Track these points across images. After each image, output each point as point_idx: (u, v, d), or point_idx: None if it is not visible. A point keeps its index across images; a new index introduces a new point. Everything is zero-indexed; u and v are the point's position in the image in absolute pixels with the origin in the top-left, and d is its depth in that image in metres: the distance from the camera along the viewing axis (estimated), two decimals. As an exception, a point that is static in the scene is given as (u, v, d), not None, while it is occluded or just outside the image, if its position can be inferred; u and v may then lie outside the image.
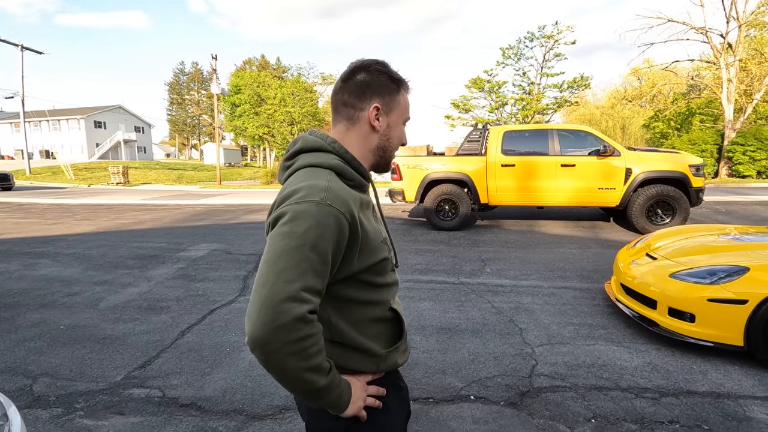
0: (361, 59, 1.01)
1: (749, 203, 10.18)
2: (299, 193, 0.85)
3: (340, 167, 0.94)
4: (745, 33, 21.28)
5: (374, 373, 0.99)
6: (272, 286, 0.77)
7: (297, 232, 0.80)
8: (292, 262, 0.79)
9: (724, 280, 2.83)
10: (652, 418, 2.27)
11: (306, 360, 0.79)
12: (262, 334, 0.76)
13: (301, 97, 27.04)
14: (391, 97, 0.99)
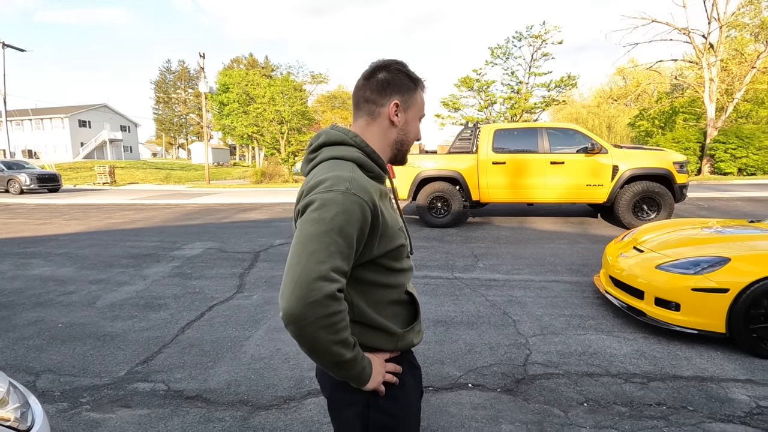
0: (382, 59, 1.09)
1: (731, 199, 10.49)
2: (326, 183, 0.92)
3: (362, 160, 1.01)
4: (726, 33, 21.82)
5: (392, 351, 1.07)
6: (305, 266, 0.85)
7: (326, 217, 0.88)
8: (322, 244, 0.86)
9: (707, 270, 2.97)
10: (641, 401, 2.40)
11: (335, 334, 0.87)
12: (297, 309, 0.83)
13: (290, 95, 26.90)
14: (409, 94, 1.07)
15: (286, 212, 10.24)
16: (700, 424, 2.17)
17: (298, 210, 0.97)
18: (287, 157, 26.40)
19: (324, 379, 1.11)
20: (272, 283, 4.68)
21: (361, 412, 1.03)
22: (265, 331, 3.44)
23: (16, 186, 17.12)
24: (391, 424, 1.05)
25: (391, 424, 1.05)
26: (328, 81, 29.26)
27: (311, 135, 26.96)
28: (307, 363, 2.88)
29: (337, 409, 1.08)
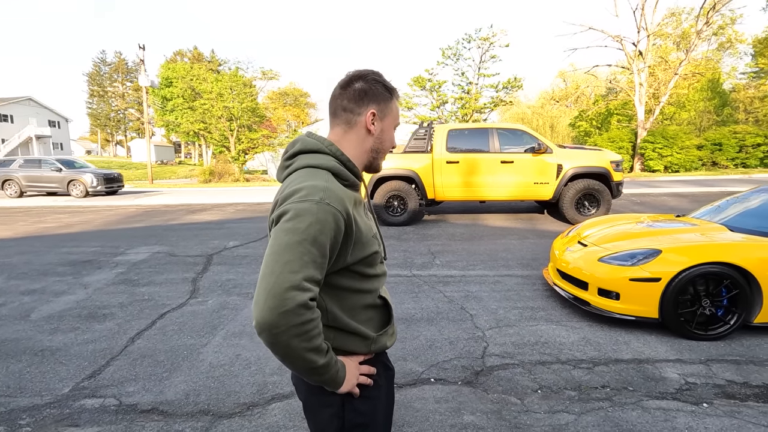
0: (358, 69, 1.11)
1: (659, 195, 11.48)
2: (301, 192, 0.93)
3: (337, 168, 1.03)
4: (653, 42, 23.75)
5: (366, 354, 1.10)
6: (278, 276, 0.86)
7: (300, 228, 0.89)
8: (295, 254, 0.88)
9: (642, 261, 3.25)
10: (588, 384, 2.59)
11: (308, 341, 0.89)
12: (270, 319, 0.85)
13: (239, 91, 25.99)
14: (385, 103, 1.10)
15: (239, 213, 9.93)
16: (639, 402, 2.39)
17: (273, 219, 0.97)
18: (237, 155, 25.52)
19: (300, 383, 1.12)
20: (228, 288, 4.54)
21: (337, 413, 1.05)
22: (223, 337, 3.34)
23: (80, 188, 14.25)
24: (366, 423, 1.08)
25: (366, 423, 1.08)
26: (279, 78, 28.59)
27: (263, 132, 26.27)
28: (269, 368, 2.84)
29: (314, 411, 1.09)
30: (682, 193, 11.61)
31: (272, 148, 27.17)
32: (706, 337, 3.10)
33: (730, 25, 27.63)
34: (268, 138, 27.50)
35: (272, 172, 28.43)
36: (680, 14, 29.44)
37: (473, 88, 25.43)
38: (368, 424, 1.08)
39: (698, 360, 2.84)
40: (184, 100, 30.22)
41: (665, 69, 26.09)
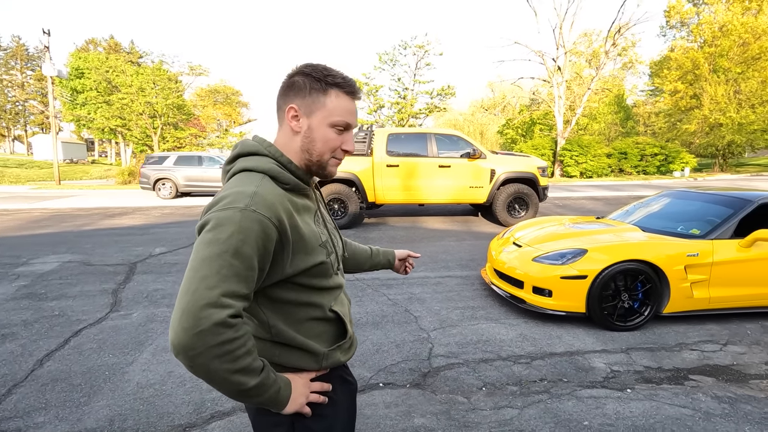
0: (307, 62, 1.01)
1: (578, 198, 12.55)
2: (225, 200, 0.86)
3: (275, 171, 0.94)
4: (569, 58, 26.00)
5: (317, 370, 1.02)
6: (194, 293, 0.78)
7: (220, 238, 0.81)
8: (213, 268, 0.80)
9: (571, 260, 3.51)
10: (527, 378, 2.73)
11: (232, 362, 0.80)
12: (184, 340, 0.76)
13: (163, 86, 24.25)
14: (312, 98, 0.96)
15: (166, 217, 9.21)
16: (573, 392, 2.56)
17: (196, 229, 0.89)
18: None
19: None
20: (155, 298, 4.17)
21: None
22: (152, 353, 3.05)
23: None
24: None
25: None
26: (209, 74, 27.07)
27: (191, 131, 24.74)
28: (206, 385, 2.62)
29: (262, 431, 1.01)
30: (597, 197, 12.79)
31: (202, 147, 25.63)
32: (626, 327, 3.41)
33: (632, 48, 31.10)
34: (197, 137, 25.92)
35: (201, 173, 26.81)
36: (591, 35, 32.61)
37: (409, 93, 26.03)
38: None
39: (620, 349, 3.12)
40: (98, 94, 27.48)
41: (580, 84, 28.73)
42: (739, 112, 23.97)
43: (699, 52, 25.72)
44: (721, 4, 26.18)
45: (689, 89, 26.35)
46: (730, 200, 3.89)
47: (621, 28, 24.29)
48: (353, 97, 1.00)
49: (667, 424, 2.24)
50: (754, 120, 23.63)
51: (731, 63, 24.72)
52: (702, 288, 3.47)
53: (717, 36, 25.40)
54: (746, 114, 23.74)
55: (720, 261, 3.45)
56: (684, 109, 26.91)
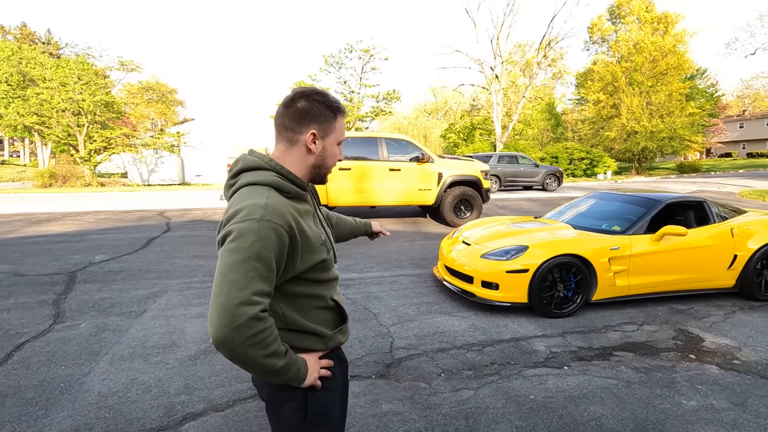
0: (302, 87, 1.19)
1: (516, 200, 13.44)
2: (242, 212, 1.00)
3: (278, 183, 1.09)
4: (506, 68, 27.63)
5: (324, 350, 1.20)
6: (227, 294, 0.94)
7: (243, 246, 0.97)
8: (241, 273, 0.95)
9: (515, 256, 3.88)
10: (480, 363, 3.01)
11: (264, 348, 0.97)
12: (224, 335, 0.93)
13: (89, 82, 22.41)
14: (327, 123, 1.15)
15: (102, 222, 8.63)
16: (520, 372, 2.88)
17: (218, 240, 1.03)
18: (88, 155, 21.92)
19: (261, 383, 1.19)
20: (103, 308, 3.99)
21: (299, 406, 1.14)
22: (109, 362, 2.97)
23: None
24: (326, 412, 1.18)
25: (326, 412, 1.18)
26: (142, 70, 25.37)
27: (124, 130, 23.13)
28: (174, 388, 2.64)
29: (277, 406, 1.16)
30: (533, 198, 13.78)
31: (134, 148, 23.98)
32: (561, 314, 3.84)
33: (560, 60, 33.67)
34: (129, 137, 24.21)
35: (134, 175, 25.07)
36: (525, 46, 34.83)
37: (355, 96, 26.24)
38: (328, 413, 1.19)
39: (557, 333, 3.52)
40: (9, 87, 24.74)
41: (515, 92, 30.60)
42: (650, 121, 26.85)
43: (617, 66, 28.46)
44: (635, 24, 29.17)
45: (610, 99, 29.05)
46: (644, 201, 4.49)
47: (551, 41, 26.28)
48: (345, 117, 1.23)
49: (597, 393, 2.62)
50: (663, 128, 26.61)
51: (643, 77, 27.63)
52: (623, 277, 3.99)
53: (632, 52, 28.27)
54: (656, 123, 26.67)
55: (636, 253, 3.99)
56: (605, 118, 29.61)
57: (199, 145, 24.72)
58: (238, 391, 2.61)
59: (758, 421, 2.33)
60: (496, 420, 2.35)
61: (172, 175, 25.04)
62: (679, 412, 2.41)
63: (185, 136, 24.41)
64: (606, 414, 2.40)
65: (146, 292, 4.42)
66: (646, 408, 2.46)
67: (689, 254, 4.13)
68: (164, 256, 5.93)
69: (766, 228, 4.39)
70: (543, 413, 2.41)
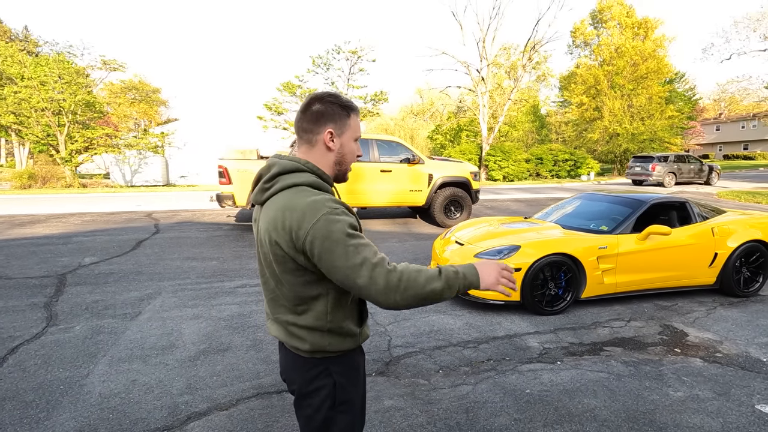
0: (317, 92, 1.25)
1: (503, 200, 13.64)
2: (307, 216, 1.06)
3: (317, 183, 1.17)
4: (492, 70, 27.98)
5: (354, 349, 1.25)
6: (367, 269, 1.03)
7: (338, 239, 1.04)
8: (356, 254, 1.05)
9: (508, 255, 3.99)
10: (476, 359, 3.10)
11: (417, 286, 1.06)
12: (387, 299, 1.04)
13: (70, 81, 21.93)
14: (342, 122, 1.22)
15: (88, 224, 8.48)
16: (515, 367, 2.98)
17: (300, 242, 1.07)
18: (69, 156, 21.43)
19: (292, 376, 1.24)
20: (97, 310, 3.96)
21: (330, 394, 1.20)
22: (108, 364, 2.96)
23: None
24: (351, 399, 1.24)
25: (351, 399, 1.24)
26: (125, 69, 24.92)
27: (106, 130, 22.70)
28: (176, 388, 2.65)
29: (309, 396, 1.21)
30: (520, 199, 14.01)
31: (116, 149, 23.52)
32: (552, 312, 3.96)
33: (545, 63, 34.21)
34: (112, 137, 23.74)
35: (116, 176, 24.58)
36: (510, 49, 35.29)
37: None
38: (353, 400, 1.25)
39: (549, 330, 3.63)
40: (-14, 85, 24.01)
41: (501, 94, 30.98)
42: (632, 124, 27.52)
43: (599, 70, 29.09)
44: (616, 29, 29.85)
45: (592, 102, 29.67)
46: (630, 201, 4.66)
47: (535, 44, 26.71)
48: (358, 115, 1.30)
49: (590, 386, 2.73)
50: (644, 131, 27.30)
51: (625, 80, 28.30)
52: (611, 275, 4.13)
53: (613, 56, 28.93)
54: (637, 125, 27.35)
55: (623, 252, 4.13)
56: (588, 120, 30.23)
57: (184, 146, 24.42)
58: (241, 390, 2.64)
59: (740, 410, 2.47)
60: (495, 413, 2.43)
61: (156, 176, 24.65)
62: (667, 403, 2.54)
63: (169, 136, 24.07)
64: (599, 405, 2.51)
65: (140, 294, 4.39)
66: (637, 399, 2.57)
67: (673, 253, 4.30)
68: (155, 257, 5.88)
69: (745, 227, 4.59)
70: (539, 406, 2.50)
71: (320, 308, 1.16)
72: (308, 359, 1.20)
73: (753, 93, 41.13)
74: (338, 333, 1.19)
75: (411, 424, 2.33)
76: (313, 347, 1.18)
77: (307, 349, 1.18)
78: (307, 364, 1.20)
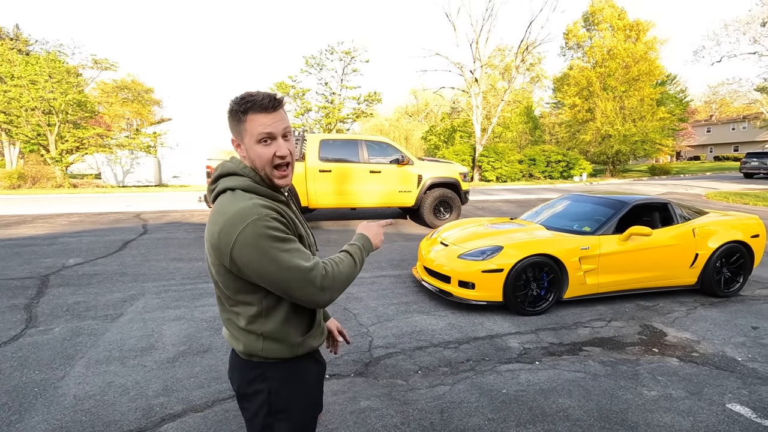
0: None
1: (494, 201, 13.69)
2: (233, 222, 1.06)
3: (251, 186, 1.15)
4: (485, 71, 28.07)
5: (291, 358, 1.21)
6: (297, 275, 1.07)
7: (261, 245, 1.04)
8: (283, 259, 1.06)
9: (490, 256, 4.01)
10: (456, 360, 3.11)
11: (343, 278, 1.16)
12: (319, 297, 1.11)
13: (61, 80, 21.75)
14: (238, 128, 1.15)
15: (75, 225, 8.42)
16: (494, 368, 2.99)
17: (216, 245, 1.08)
18: (60, 156, 21.26)
19: (234, 375, 1.25)
20: (78, 311, 3.93)
21: (266, 399, 1.19)
22: (85, 366, 2.94)
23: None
24: (288, 409, 1.21)
25: (288, 409, 1.21)
26: (117, 68, 24.73)
27: (97, 130, 22.56)
28: (152, 390, 2.64)
29: (246, 398, 1.21)
30: (511, 200, 14.07)
31: (108, 149, 23.34)
32: (534, 312, 3.98)
33: (538, 64, 34.38)
34: (103, 137, 23.56)
35: (108, 176, 24.39)
36: (504, 50, 35.43)
37: (336, 98, 26.21)
38: (291, 409, 1.21)
39: (530, 330, 3.65)
40: (-25, 84, 23.76)
41: (494, 95, 31.10)
42: (623, 125, 27.71)
43: (592, 72, 29.27)
44: (608, 31, 30.06)
45: (585, 104, 29.84)
46: (612, 202, 4.69)
47: (528, 46, 26.85)
48: (267, 111, 1.12)
49: (566, 386, 2.75)
50: (635, 132, 27.50)
51: (617, 82, 28.50)
52: (593, 276, 4.17)
53: (606, 58, 29.12)
54: (629, 127, 27.54)
55: (605, 253, 4.17)
56: (581, 121, 30.40)
57: (177, 146, 24.29)
58: (218, 392, 2.64)
59: (711, 408, 2.50)
60: (469, 413, 2.44)
61: (148, 177, 24.49)
62: (640, 402, 2.56)
63: (162, 136, 23.94)
64: (573, 405, 2.53)
65: (122, 296, 4.36)
66: (611, 399, 2.60)
67: (654, 253, 4.34)
68: (141, 258, 5.85)
69: (725, 228, 4.65)
70: (514, 406, 2.52)
71: (253, 312, 1.15)
72: (246, 361, 1.20)
73: (743, 95, 41.58)
74: (273, 339, 1.17)
75: (385, 425, 2.33)
76: (246, 349, 1.18)
77: (242, 350, 1.19)
78: (246, 366, 1.20)
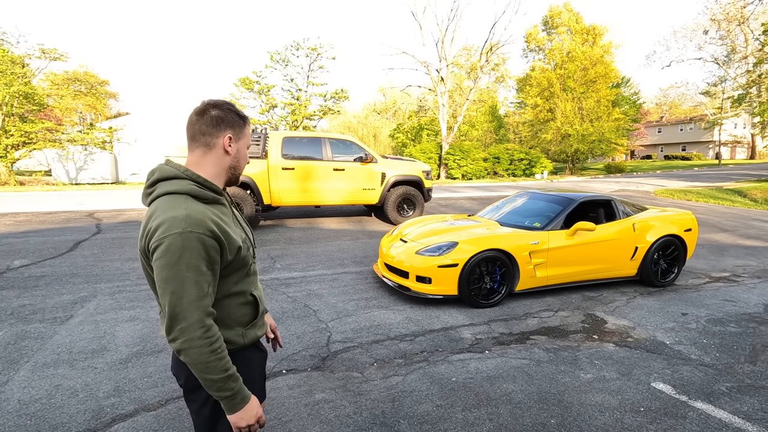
0: (212, 99, 1.29)
1: (458, 198, 14.02)
2: (163, 227, 1.09)
3: (195, 191, 1.18)
4: (451, 70, 28.55)
5: (241, 346, 1.28)
6: (171, 305, 1.08)
7: (172, 261, 1.07)
8: (177, 283, 1.08)
9: (446, 252, 4.16)
10: (411, 352, 3.23)
11: (204, 355, 1.10)
12: (176, 334, 1.09)
13: (4, 70, 20.40)
14: (240, 129, 1.28)
15: (22, 225, 7.98)
16: (446, 358, 3.13)
17: (147, 250, 1.13)
18: (4, 151, 19.96)
19: (179, 370, 1.28)
20: (23, 315, 3.78)
21: (208, 398, 1.23)
22: (31, 370, 2.86)
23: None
24: None
25: None
26: (66, 59, 23.39)
27: (46, 124, 21.32)
28: (102, 392, 2.61)
29: (195, 390, 1.24)
30: (474, 197, 14.44)
31: (59, 144, 22.10)
32: (488, 304, 4.17)
33: (502, 65, 35.28)
34: (53, 132, 22.28)
35: (59, 173, 23.11)
36: (470, 50, 36.12)
37: (303, 95, 25.93)
38: None
39: (483, 322, 3.83)
40: None
41: (460, 94, 31.71)
42: (582, 125, 28.94)
43: (552, 73, 30.37)
44: (567, 35, 31.25)
45: (546, 104, 30.94)
46: (561, 200, 4.96)
47: (492, 46, 27.52)
48: (249, 127, 1.36)
49: (511, 372, 2.92)
50: (593, 132, 28.78)
51: (576, 84, 29.71)
52: (542, 269, 4.40)
53: (565, 60, 30.29)
54: (587, 127, 28.79)
55: (553, 247, 4.41)
56: (543, 121, 31.50)
57: (135, 142, 23.30)
58: (172, 390, 2.63)
59: (638, 387, 2.74)
60: (419, 401, 2.56)
61: (104, 174, 23.37)
62: (576, 384, 2.77)
63: (119, 131, 22.91)
64: (516, 390, 2.70)
65: (73, 297, 4.22)
66: (550, 382, 2.79)
67: (598, 247, 4.63)
68: (93, 259, 5.64)
69: (663, 223, 5.02)
70: (462, 392, 2.66)
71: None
72: None
73: (690, 98, 44.29)
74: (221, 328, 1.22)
75: (338, 415, 2.42)
76: None
77: None
78: None
